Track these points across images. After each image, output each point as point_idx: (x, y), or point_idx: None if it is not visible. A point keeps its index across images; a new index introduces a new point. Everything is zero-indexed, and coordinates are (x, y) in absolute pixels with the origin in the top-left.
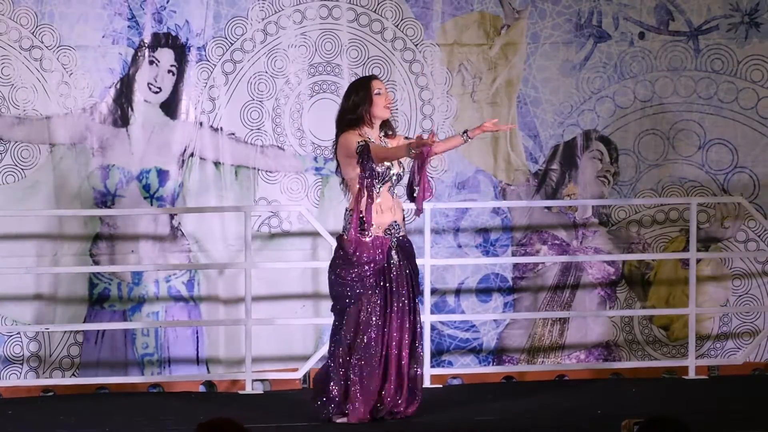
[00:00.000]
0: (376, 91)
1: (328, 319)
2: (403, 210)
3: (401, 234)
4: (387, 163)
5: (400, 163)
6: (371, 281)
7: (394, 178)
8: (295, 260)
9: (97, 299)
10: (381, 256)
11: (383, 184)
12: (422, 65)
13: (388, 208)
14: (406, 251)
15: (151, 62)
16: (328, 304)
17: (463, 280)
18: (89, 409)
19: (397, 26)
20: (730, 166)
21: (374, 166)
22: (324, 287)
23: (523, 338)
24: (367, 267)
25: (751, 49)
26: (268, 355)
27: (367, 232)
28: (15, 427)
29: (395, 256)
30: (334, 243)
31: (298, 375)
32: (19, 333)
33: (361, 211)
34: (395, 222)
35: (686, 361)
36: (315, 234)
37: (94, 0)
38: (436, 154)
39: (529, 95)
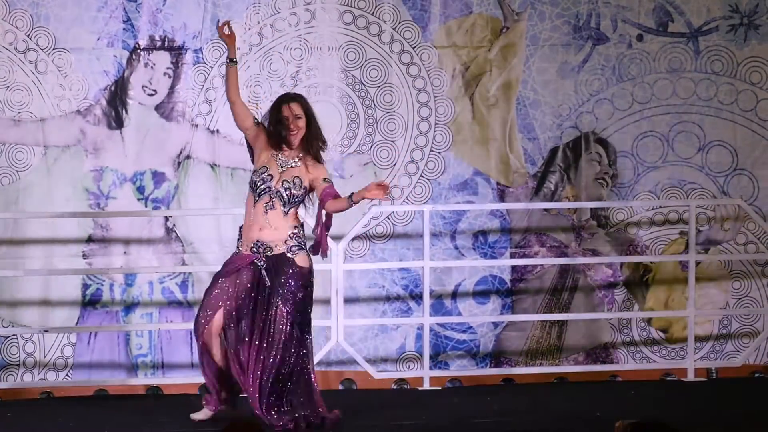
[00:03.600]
0: (281, 118)
1: (323, 322)
2: (292, 230)
3: (272, 253)
4: (262, 172)
5: (286, 181)
6: (229, 292)
7: (263, 189)
8: None
9: (90, 301)
10: (243, 266)
11: (258, 196)
12: (420, 68)
13: (255, 225)
14: (278, 271)
15: (146, 65)
16: (321, 307)
17: (460, 282)
18: (88, 411)
19: (394, 29)
20: (730, 168)
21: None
22: (316, 290)
23: (521, 340)
24: (228, 278)
25: (750, 50)
26: None
27: (238, 244)
28: (15, 430)
29: (262, 275)
30: (333, 245)
31: None
32: (15, 335)
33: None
34: (259, 241)
35: (685, 363)
36: (309, 236)
37: (90, 3)
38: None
39: (528, 97)
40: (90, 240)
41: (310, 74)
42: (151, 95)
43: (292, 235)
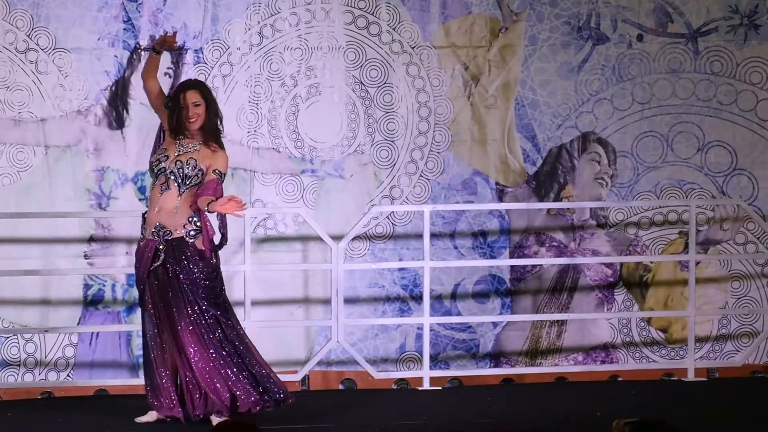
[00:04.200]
0: (181, 105)
1: (323, 322)
2: (191, 213)
3: (171, 237)
4: (161, 153)
5: (179, 161)
6: (143, 282)
7: (162, 171)
8: (287, 262)
9: (92, 301)
10: (147, 258)
11: (156, 177)
12: (419, 68)
13: (158, 206)
14: (177, 255)
15: None
16: (321, 307)
17: (460, 281)
18: (89, 411)
19: (394, 29)
20: (729, 168)
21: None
22: (315, 290)
23: (521, 340)
24: (139, 270)
25: (750, 51)
26: (264, 358)
27: (142, 230)
28: (16, 430)
29: (163, 260)
30: (333, 245)
31: (298, 377)
32: (15, 335)
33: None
34: (159, 224)
35: (685, 363)
36: (308, 236)
37: (90, 3)
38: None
39: (527, 97)
40: (92, 240)
41: (310, 74)
42: None
43: (191, 219)
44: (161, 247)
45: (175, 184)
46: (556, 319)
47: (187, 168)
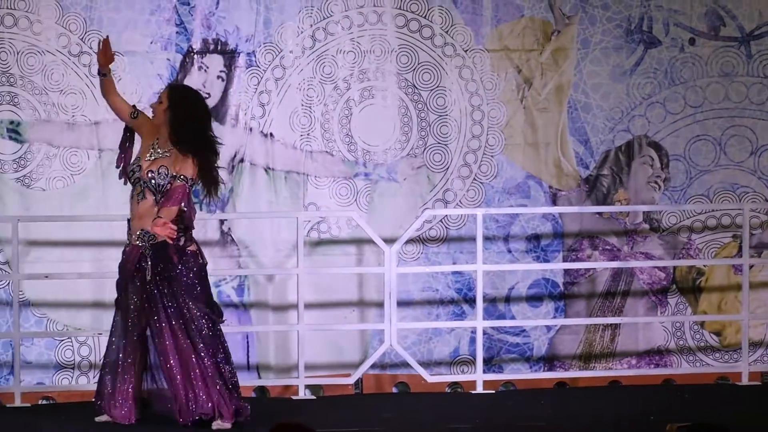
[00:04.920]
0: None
1: (376, 325)
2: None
3: (156, 241)
4: (135, 162)
5: (151, 171)
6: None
7: (137, 181)
8: (341, 266)
9: None
10: (132, 263)
11: (133, 186)
12: (472, 71)
13: (137, 215)
14: (164, 258)
15: (199, 68)
16: (376, 310)
17: (513, 285)
18: (143, 412)
19: (446, 32)
20: None
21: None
22: (369, 293)
23: (574, 344)
24: (122, 273)
25: None
26: (318, 361)
27: (128, 236)
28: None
29: (149, 263)
30: (386, 249)
31: (351, 380)
32: (70, 338)
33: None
34: (143, 230)
35: (739, 366)
36: (362, 240)
37: (143, 6)
38: None
39: (579, 101)
40: None
41: (363, 77)
42: (205, 98)
43: (173, 221)
44: (147, 252)
45: (151, 194)
46: (610, 322)
47: (159, 178)
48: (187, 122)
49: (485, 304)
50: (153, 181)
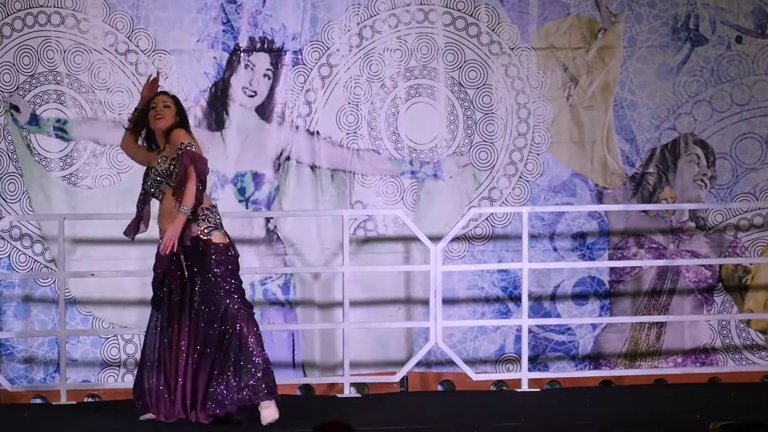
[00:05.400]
0: (151, 106)
1: (422, 323)
2: (200, 212)
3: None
4: (145, 179)
5: (154, 168)
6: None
7: (152, 184)
8: (388, 264)
9: None
10: (165, 262)
11: (152, 194)
12: (518, 69)
13: (161, 214)
14: (191, 254)
15: (246, 66)
16: (422, 308)
17: (559, 283)
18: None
19: (493, 30)
20: None
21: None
22: (416, 291)
23: (620, 342)
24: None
25: None
26: (363, 359)
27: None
28: (114, 430)
29: (182, 261)
30: (431, 247)
31: (396, 379)
32: (116, 336)
33: None
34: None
35: None
36: (408, 238)
37: (190, 4)
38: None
39: (625, 99)
40: None
41: (410, 76)
42: (251, 97)
43: (202, 217)
44: (179, 250)
45: (168, 187)
46: (656, 321)
47: (164, 165)
48: (186, 131)
49: (531, 302)
50: (165, 171)
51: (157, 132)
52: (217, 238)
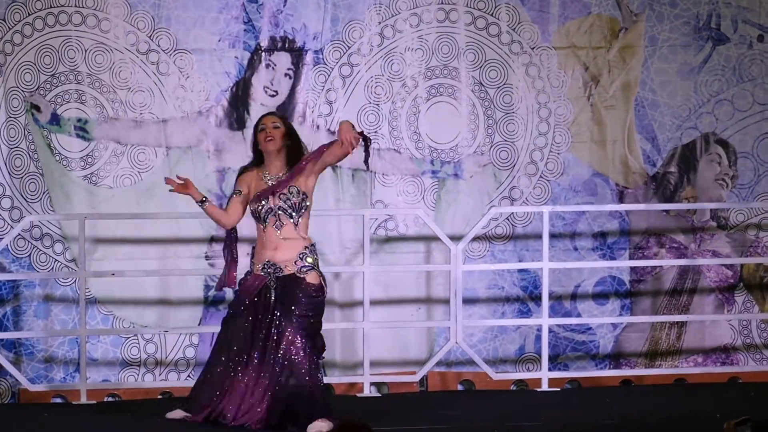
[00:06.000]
0: (260, 128)
1: (442, 323)
2: (302, 249)
3: (282, 274)
4: (260, 202)
5: (276, 195)
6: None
7: (266, 212)
8: (409, 263)
9: (212, 301)
10: (253, 290)
11: (264, 222)
12: (539, 68)
13: (268, 246)
14: (285, 290)
15: (267, 66)
16: (442, 308)
17: (579, 283)
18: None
19: (513, 29)
20: None
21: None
22: (437, 291)
23: (640, 342)
24: (241, 296)
25: None
26: (383, 358)
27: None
28: (135, 429)
29: (271, 294)
30: (452, 246)
31: (416, 378)
32: (136, 335)
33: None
34: (269, 261)
35: None
36: (429, 237)
37: (211, 4)
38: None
39: (647, 98)
40: (212, 241)
41: (431, 75)
42: (273, 96)
43: (302, 255)
44: (272, 284)
45: (288, 218)
46: (676, 320)
47: (293, 197)
48: (300, 150)
49: (551, 302)
50: (288, 202)
51: (268, 155)
52: (311, 278)
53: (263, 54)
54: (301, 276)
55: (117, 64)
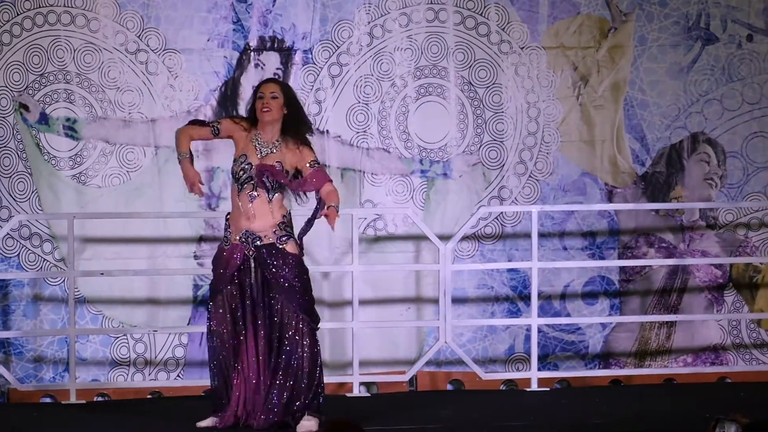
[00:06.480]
0: (258, 95)
1: (431, 323)
2: (280, 219)
3: (261, 243)
4: (242, 161)
5: (265, 167)
6: (225, 285)
7: (246, 179)
8: (398, 263)
9: (201, 301)
10: (234, 263)
11: (241, 186)
12: (528, 68)
13: (243, 215)
14: (264, 260)
15: (256, 65)
16: (431, 307)
17: (569, 282)
18: (197, 410)
19: (502, 29)
20: None
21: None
22: (426, 290)
23: (629, 341)
24: (223, 272)
25: None
26: (372, 358)
27: (226, 238)
28: (124, 429)
29: (252, 265)
30: (441, 246)
31: (405, 378)
32: (125, 335)
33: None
34: (247, 231)
35: None
36: (419, 237)
37: (200, 4)
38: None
39: (636, 98)
40: (201, 240)
41: (420, 75)
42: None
43: (280, 224)
44: (250, 253)
45: (264, 191)
46: (666, 320)
47: (275, 173)
48: (302, 126)
49: (540, 302)
50: (269, 179)
51: (263, 122)
52: (290, 248)
53: (252, 54)
54: (281, 246)
55: (106, 64)
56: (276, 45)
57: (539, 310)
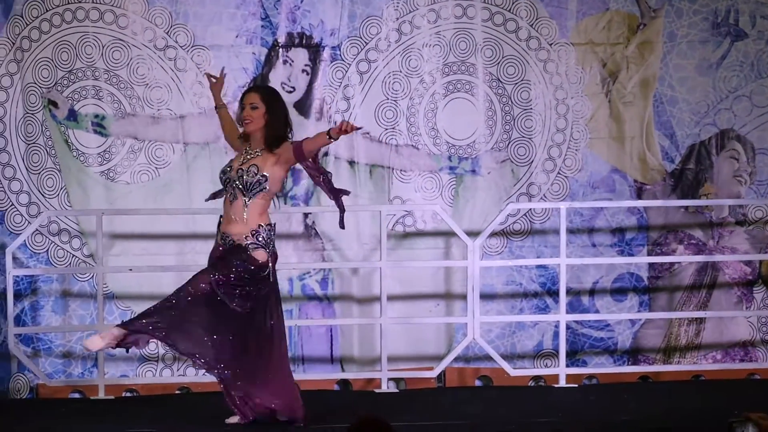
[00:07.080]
0: (240, 107)
1: (460, 319)
2: (255, 227)
3: (234, 244)
4: (227, 165)
5: (240, 170)
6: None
7: (226, 181)
8: (427, 259)
9: None
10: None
11: (225, 190)
12: (557, 64)
13: (226, 218)
14: (229, 258)
15: (284, 62)
16: (460, 304)
17: (597, 279)
18: (225, 407)
19: (531, 25)
20: None
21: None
22: (455, 287)
23: (658, 338)
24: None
25: None
26: (401, 354)
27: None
28: (154, 424)
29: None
30: (469, 242)
31: (433, 374)
32: None
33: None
34: (225, 233)
35: None
36: (448, 233)
37: (228, 0)
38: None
39: (665, 94)
40: None
41: (448, 71)
42: (290, 92)
43: (253, 232)
44: (222, 252)
45: (240, 193)
46: (695, 317)
47: (248, 176)
48: (284, 128)
49: (569, 298)
50: (241, 179)
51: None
52: (257, 255)
53: (280, 50)
54: (248, 253)
55: (134, 60)
56: (304, 41)
57: (568, 307)
